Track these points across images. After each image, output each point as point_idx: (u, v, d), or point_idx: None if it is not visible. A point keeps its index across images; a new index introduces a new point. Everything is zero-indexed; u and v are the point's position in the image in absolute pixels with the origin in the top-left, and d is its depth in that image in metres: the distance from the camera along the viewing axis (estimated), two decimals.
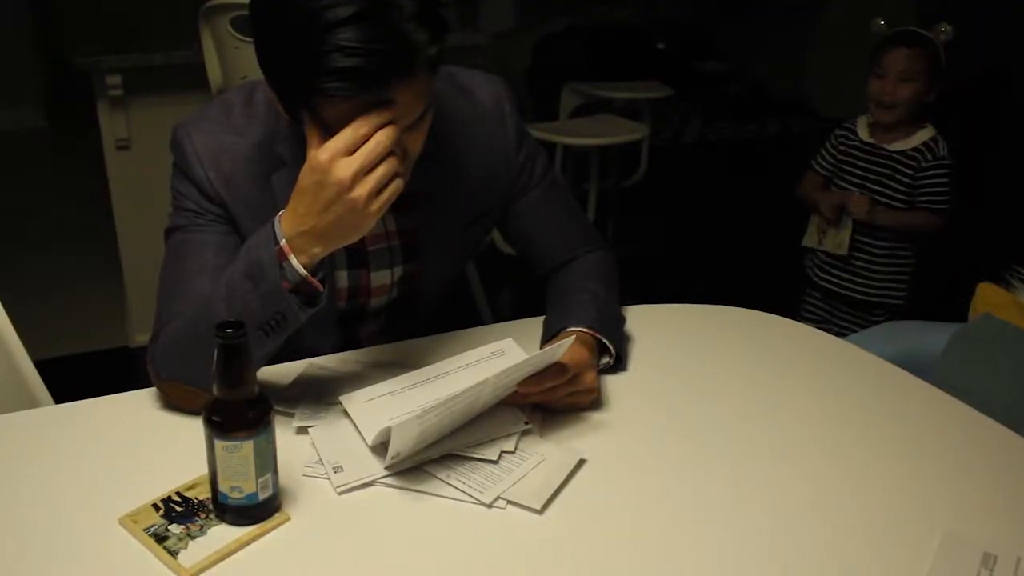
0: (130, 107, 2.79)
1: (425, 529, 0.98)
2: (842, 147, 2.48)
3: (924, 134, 2.34)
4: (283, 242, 1.05)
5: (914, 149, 2.32)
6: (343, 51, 0.95)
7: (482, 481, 1.03)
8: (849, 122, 2.52)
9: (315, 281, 1.07)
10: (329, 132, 1.01)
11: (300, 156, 1.19)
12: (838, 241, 2.44)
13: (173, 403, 1.16)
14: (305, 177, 1.03)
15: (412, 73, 1.00)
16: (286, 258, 1.05)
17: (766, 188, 3.94)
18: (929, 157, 2.31)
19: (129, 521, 0.96)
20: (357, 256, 1.28)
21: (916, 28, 2.30)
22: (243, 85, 1.27)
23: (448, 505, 1.01)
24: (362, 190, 1.00)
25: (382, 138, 1.00)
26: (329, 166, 1.00)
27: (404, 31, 0.98)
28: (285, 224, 1.05)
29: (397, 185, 1.03)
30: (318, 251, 1.05)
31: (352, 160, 0.99)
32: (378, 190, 1.01)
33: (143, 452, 1.10)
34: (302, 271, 1.05)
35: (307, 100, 1.01)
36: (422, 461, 1.05)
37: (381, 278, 1.31)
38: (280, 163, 1.20)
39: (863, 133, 2.44)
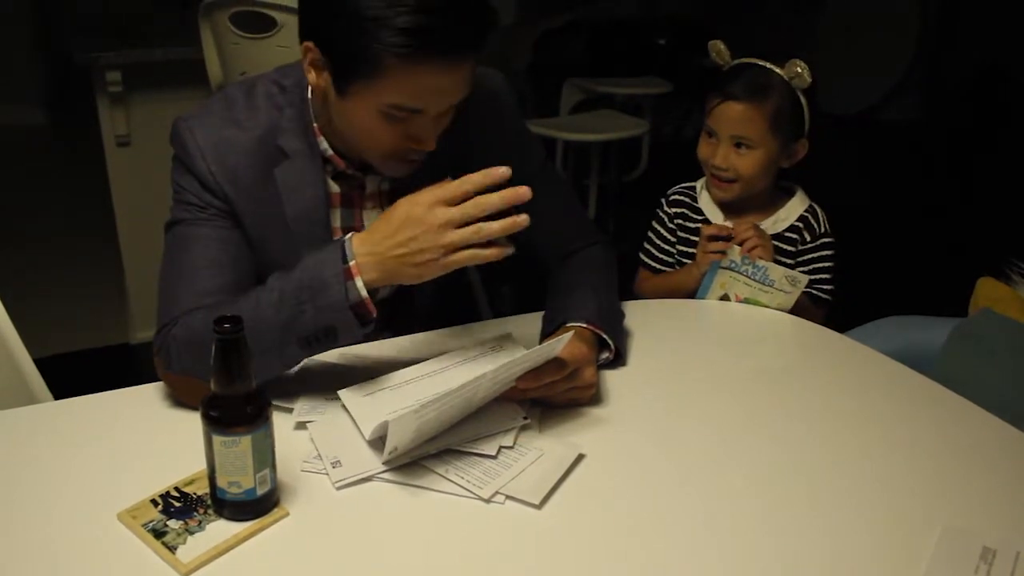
0: (130, 103, 2.79)
1: (423, 524, 0.98)
2: (682, 233, 1.70)
3: (795, 206, 1.64)
4: (353, 262, 1.06)
5: (789, 229, 1.62)
6: (421, 9, 0.99)
7: (481, 476, 1.03)
8: (682, 190, 1.72)
9: (371, 305, 1.08)
10: (376, 114, 1.07)
11: (302, 149, 1.20)
12: (776, 302, 1.52)
13: (177, 396, 1.16)
14: (400, 206, 1.05)
15: (479, 47, 1.05)
16: (352, 278, 1.06)
17: None
18: (807, 238, 1.61)
19: (128, 516, 0.96)
20: None
21: (765, 64, 1.57)
22: (244, 80, 1.27)
23: (447, 500, 1.01)
24: (444, 239, 1.03)
25: (482, 205, 1.03)
26: (429, 206, 1.03)
27: (480, 4, 1.04)
28: (357, 243, 1.07)
29: (472, 254, 1.05)
30: (374, 277, 1.07)
31: (452, 211, 1.02)
32: (455, 249, 1.03)
33: (141, 448, 1.10)
34: (364, 294, 1.06)
35: (369, 62, 1.02)
36: (421, 456, 1.05)
37: None
38: (282, 156, 1.21)
39: (710, 211, 1.67)
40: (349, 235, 1.09)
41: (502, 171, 1.04)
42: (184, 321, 1.14)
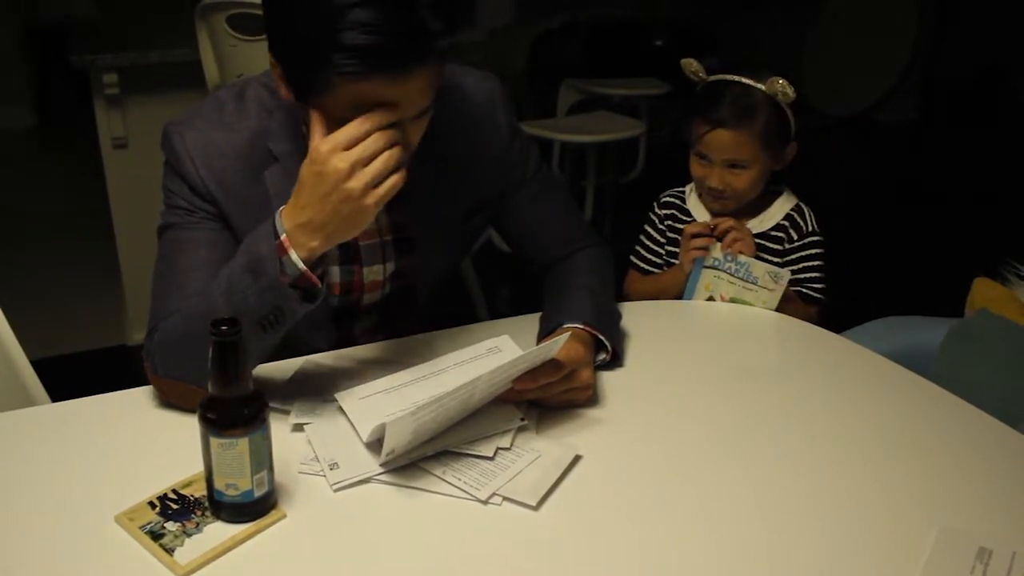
0: (127, 105, 2.79)
1: (421, 526, 0.98)
2: (672, 234, 1.71)
3: (782, 205, 1.65)
4: (283, 236, 1.05)
5: (775, 228, 1.64)
6: (361, 28, 0.97)
7: (478, 477, 1.03)
8: (673, 193, 1.75)
9: (313, 276, 1.07)
10: (334, 124, 1.03)
11: (292, 152, 1.20)
12: (762, 300, 1.53)
13: (169, 400, 1.16)
14: (305, 168, 1.04)
15: (425, 59, 1.03)
16: (286, 252, 1.05)
17: None
18: (794, 236, 1.62)
19: (125, 519, 0.96)
20: (349, 252, 1.28)
21: (745, 80, 1.57)
22: (235, 83, 1.27)
23: (444, 502, 1.01)
24: (358, 182, 1.01)
25: (381, 135, 1.02)
26: (328, 157, 1.01)
27: (422, 17, 1.00)
28: (285, 217, 1.06)
29: (395, 180, 1.04)
30: (316, 245, 1.06)
31: (350, 153, 1.01)
32: (375, 183, 1.02)
33: (139, 450, 1.10)
34: (301, 265, 1.06)
35: (318, 80, 1.02)
36: (418, 458, 1.05)
37: (373, 274, 1.32)
38: (272, 159, 1.21)
39: (698, 214, 1.68)
40: (281, 208, 1.07)
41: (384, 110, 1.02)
42: (163, 326, 1.15)
